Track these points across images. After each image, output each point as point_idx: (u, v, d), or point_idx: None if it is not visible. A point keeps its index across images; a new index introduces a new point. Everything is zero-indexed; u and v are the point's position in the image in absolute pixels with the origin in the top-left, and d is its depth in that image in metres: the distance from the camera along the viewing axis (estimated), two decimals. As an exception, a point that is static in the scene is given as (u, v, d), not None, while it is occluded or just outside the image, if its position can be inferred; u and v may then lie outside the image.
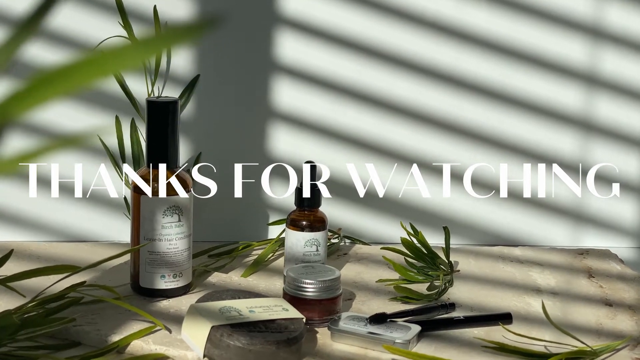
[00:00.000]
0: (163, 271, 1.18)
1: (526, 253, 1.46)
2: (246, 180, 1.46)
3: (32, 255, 1.36)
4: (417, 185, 1.50)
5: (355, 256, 1.42)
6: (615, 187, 1.52)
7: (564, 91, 1.50)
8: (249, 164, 1.46)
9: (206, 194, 1.42)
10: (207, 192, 1.42)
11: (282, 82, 1.46)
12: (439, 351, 1.11)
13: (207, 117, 1.46)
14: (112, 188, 1.43)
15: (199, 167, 1.43)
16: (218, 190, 1.46)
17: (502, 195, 1.51)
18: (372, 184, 1.49)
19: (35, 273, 1.05)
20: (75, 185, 1.42)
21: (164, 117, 1.17)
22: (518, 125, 1.50)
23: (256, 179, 1.47)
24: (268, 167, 1.45)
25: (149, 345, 1.06)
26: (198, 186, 1.42)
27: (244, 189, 1.47)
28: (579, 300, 1.29)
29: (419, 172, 1.49)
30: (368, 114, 1.48)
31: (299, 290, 1.16)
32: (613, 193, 1.52)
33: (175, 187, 1.17)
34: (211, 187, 1.41)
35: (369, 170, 1.49)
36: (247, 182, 1.47)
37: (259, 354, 1.02)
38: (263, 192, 1.48)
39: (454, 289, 1.30)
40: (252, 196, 1.47)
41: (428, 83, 1.48)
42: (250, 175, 1.47)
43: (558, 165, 1.51)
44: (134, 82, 1.43)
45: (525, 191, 1.51)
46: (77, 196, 1.44)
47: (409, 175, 1.49)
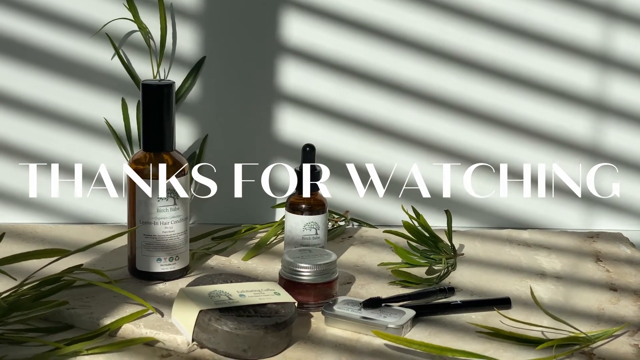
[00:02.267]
0: (159, 254, 1.18)
1: (534, 236, 1.44)
2: (251, 163, 1.46)
3: (37, 237, 1.37)
4: (428, 167, 1.48)
5: (360, 239, 1.41)
6: (615, 187, 1.50)
7: (577, 72, 1.47)
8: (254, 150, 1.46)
9: (206, 194, 1.41)
10: (207, 192, 1.41)
11: (289, 64, 1.45)
12: (433, 336, 1.10)
13: (214, 100, 1.45)
14: (112, 189, 1.43)
15: (199, 167, 1.43)
16: (224, 173, 1.46)
17: (513, 178, 1.49)
18: (380, 166, 1.48)
19: (25, 257, 1.05)
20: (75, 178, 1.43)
21: (159, 100, 1.17)
22: (531, 107, 1.47)
23: (262, 162, 1.46)
24: (268, 167, 1.44)
25: (140, 329, 1.06)
26: (198, 186, 1.42)
27: (250, 172, 1.47)
28: (583, 284, 1.27)
29: (429, 155, 1.48)
30: (375, 95, 1.46)
31: (294, 274, 1.15)
32: (613, 193, 1.50)
33: (176, 188, 1.17)
34: (211, 187, 1.40)
35: (376, 153, 1.47)
36: (253, 166, 1.46)
37: (247, 339, 1.02)
38: (270, 175, 1.47)
39: (456, 273, 1.29)
40: (259, 179, 1.47)
41: (437, 64, 1.46)
42: (256, 160, 1.46)
43: (571, 147, 1.49)
44: (140, 64, 1.43)
45: (538, 174, 1.49)
46: (85, 179, 1.44)
47: (417, 156, 1.48)
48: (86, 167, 1.45)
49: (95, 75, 1.43)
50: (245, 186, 1.46)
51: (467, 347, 1.06)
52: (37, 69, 1.42)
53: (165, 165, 1.17)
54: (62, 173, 1.44)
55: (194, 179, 1.42)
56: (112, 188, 1.43)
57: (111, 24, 1.41)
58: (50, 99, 1.43)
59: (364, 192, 1.47)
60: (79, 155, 1.44)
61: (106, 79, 1.43)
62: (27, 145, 1.44)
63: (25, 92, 1.42)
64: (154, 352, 1.04)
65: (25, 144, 1.44)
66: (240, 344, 1.02)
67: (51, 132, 1.43)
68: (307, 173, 1.25)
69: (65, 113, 1.43)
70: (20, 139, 1.43)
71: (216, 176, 1.46)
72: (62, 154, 1.44)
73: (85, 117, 1.44)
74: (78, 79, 1.43)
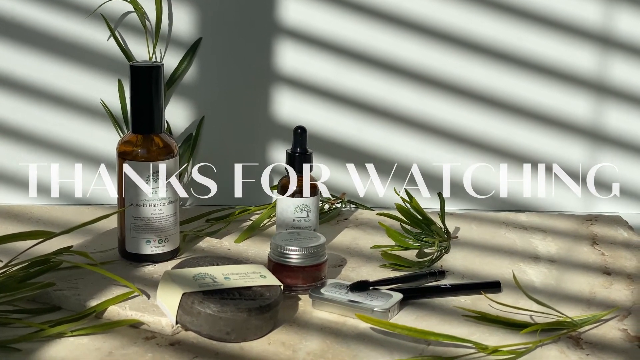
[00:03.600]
0: (148, 236, 1.18)
1: (532, 219, 1.43)
2: (250, 143, 1.46)
3: (33, 218, 1.37)
4: (424, 151, 1.47)
5: (355, 221, 1.40)
6: (615, 187, 1.49)
7: (578, 53, 1.45)
8: (252, 132, 1.46)
9: (206, 194, 1.41)
10: (207, 192, 1.40)
11: (286, 45, 1.44)
12: (420, 319, 1.09)
13: (210, 81, 1.45)
14: (113, 188, 1.43)
15: (199, 167, 1.43)
16: (221, 154, 1.45)
17: (513, 161, 1.48)
18: (378, 150, 1.47)
19: (9, 238, 1.05)
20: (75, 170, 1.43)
21: (148, 82, 1.17)
22: (531, 89, 1.46)
23: (260, 145, 1.46)
24: (267, 168, 1.44)
25: (125, 311, 1.06)
26: (198, 186, 1.41)
27: (250, 155, 1.46)
28: (576, 268, 1.26)
29: (427, 137, 1.47)
30: (373, 77, 1.45)
31: (282, 257, 1.15)
32: (613, 193, 1.49)
33: (175, 187, 1.17)
34: (211, 188, 1.39)
35: (373, 135, 1.47)
36: (252, 149, 1.46)
37: (230, 321, 1.02)
38: (267, 156, 1.47)
39: (449, 256, 1.28)
40: (256, 161, 1.46)
41: (435, 45, 1.45)
42: (254, 142, 1.46)
43: (571, 129, 1.48)
44: (136, 46, 1.43)
45: (539, 155, 1.48)
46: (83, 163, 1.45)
47: (415, 139, 1.47)
48: (82, 148, 1.45)
49: (91, 57, 1.43)
50: (243, 168, 1.46)
51: (453, 331, 1.05)
52: (33, 50, 1.42)
53: (165, 165, 1.17)
54: (58, 155, 1.45)
55: (192, 177, 1.43)
56: (112, 188, 1.42)
57: (106, 5, 1.40)
58: (46, 80, 1.43)
59: (364, 191, 1.46)
60: (75, 136, 1.45)
61: (102, 60, 1.43)
62: (23, 127, 1.44)
63: (20, 73, 1.42)
64: (138, 334, 1.04)
65: (21, 125, 1.44)
66: (223, 326, 1.02)
67: (47, 113, 1.44)
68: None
69: (61, 94, 1.43)
70: (16, 120, 1.44)
71: (213, 158, 1.45)
72: (57, 135, 1.44)
73: (81, 98, 1.44)
74: (74, 60, 1.43)
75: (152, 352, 1.00)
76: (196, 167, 1.43)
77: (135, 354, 1.00)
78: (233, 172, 1.45)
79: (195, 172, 1.41)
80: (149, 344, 1.02)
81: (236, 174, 1.40)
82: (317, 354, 1.01)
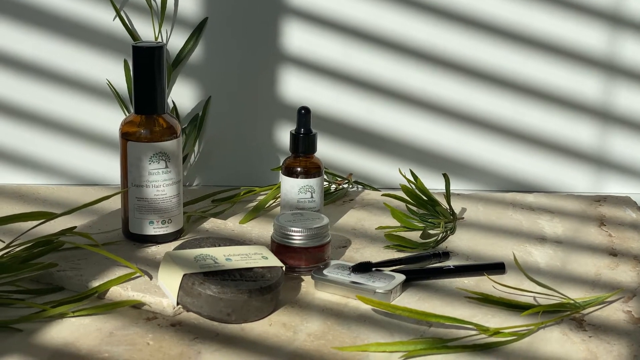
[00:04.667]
0: (151, 217, 1.18)
1: (540, 200, 1.42)
2: (257, 124, 1.45)
3: (39, 198, 1.38)
4: (433, 132, 1.47)
5: (361, 202, 1.40)
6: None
7: (588, 32, 1.44)
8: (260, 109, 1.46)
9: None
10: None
11: (293, 24, 1.43)
12: (423, 301, 1.09)
13: (216, 61, 1.44)
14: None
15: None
16: (228, 134, 1.45)
17: (522, 141, 1.47)
18: (387, 131, 1.47)
19: (10, 219, 1.06)
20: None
21: (150, 62, 1.16)
22: (541, 69, 1.45)
23: (267, 125, 1.46)
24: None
25: (127, 291, 1.06)
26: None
27: (255, 134, 1.46)
28: (582, 249, 1.25)
29: (436, 117, 1.46)
30: (381, 57, 1.45)
31: (285, 238, 1.15)
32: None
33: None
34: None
35: (381, 115, 1.46)
36: (258, 127, 1.46)
37: (230, 302, 1.02)
38: (274, 136, 1.46)
39: (454, 237, 1.28)
40: (263, 141, 1.46)
41: (444, 25, 1.43)
42: (261, 122, 1.46)
43: (581, 109, 1.47)
44: (142, 26, 1.42)
45: (546, 135, 1.47)
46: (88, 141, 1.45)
47: (423, 120, 1.47)
48: (89, 128, 1.45)
49: (97, 37, 1.42)
50: (250, 149, 1.46)
51: (455, 312, 1.05)
52: (39, 30, 1.42)
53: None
54: (65, 135, 1.45)
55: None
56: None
57: (110, -15, 1.40)
58: (52, 60, 1.43)
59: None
60: (81, 116, 1.45)
61: (108, 40, 1.42)
62: (30, 107, 1.44)
63: (26, 53, 1.42)
64: (140, 315, 1.04)
65: (28, 105, 1.44)
66: (223, 307, 1.02)
67: (53, 93, 1.44)
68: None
69: (67, 74, 1.43)
70: (22, 100, 1.44)
71: (220, 138, 1.45)
72: (64, 115, 1.44)
73: (87, 79, 1.44)
74: (80, 41, 1.42)
75: (153, 332, 1.00)
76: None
77: (136, 335, 1.00)
78: (239, 152, 1.45)
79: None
80: (150, 324, 1.02)
81: (242, 154, 1.40)
82: (317, 335, 1.00)
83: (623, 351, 0.99)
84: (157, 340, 0.99)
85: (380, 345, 0.97)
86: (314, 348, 0.98)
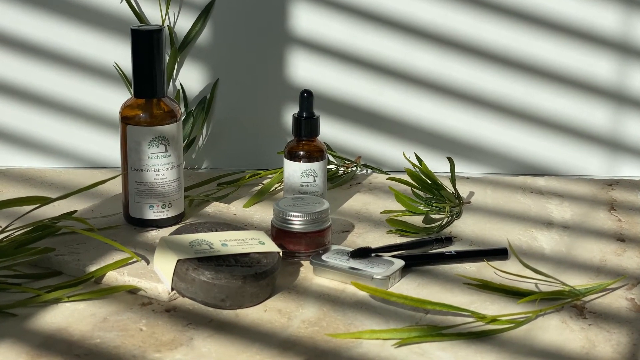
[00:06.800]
0: (151, 201, 1.18)
1: (550, 183, 1.40)
2: (264, 106, 1.44)
3: (45, 181, 1.37)
4: (442, 114, 1.45)
5: (368, 186, 1.39)
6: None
7: (602, 11, 1.41)
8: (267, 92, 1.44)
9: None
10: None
11: (300, 5, 1.42)
12: (421, 287, 1.08)
13: (224, 43, 1.43)
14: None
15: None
16: (236, 117, 1.44)
17: (534, 123, 1.45)
18: (395, 113, 1.45)
19: (6, 204, 1.05)
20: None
21: (149, 46, 1.15)
22: (553, 51, 1.42)
23: (274, 107, 1.45)
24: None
25: (124, 276, 1.06)
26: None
27: (263, 116, 1.45)
28: (590, 234, 1.23)
29: (446, 100, 1.45)
30: (388, 38, 1.43)
31: (285, 223, 1.14)
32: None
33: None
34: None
35: (391, 98, 1.45)
36: (266, 110, 1.45)
37: (224, 288, 1.01)
38: (282, 119, 1.45)
39: (459, 222, 1.26)
40: (271, 124, 1.45)
41: (452, 6, 1.41)
42: (269, 104, 1.45)
43: (594, 91, 1.44)
44: (148, 7, 1.42)
45: (558, 117, 1.45)
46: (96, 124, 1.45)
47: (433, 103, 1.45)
48: (96, 111, 1.45)
49: (103, 19, 1.42)
50: (258, 131, 1.45)
51: (454, 299, 1.03)
52: (46, 13, 1.41)
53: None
54: (73, 116, 1.45)
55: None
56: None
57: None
58: (59, 43, 1.42)
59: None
60: (89, 99, 1.44)
61: (115, 22, 1.42)
62: (38, 90, 1.44)
63: (33, 36, 1.42)
64: (135, 300, 1.04)
65: (36, 88, 1.44)
66: (217, 293, 1.01)
67: (61, 76, 1.43)
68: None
69: (75, 57, 1.43)
70: (30, 83, 1.44)
71: (227, 121, 1.44)
72: (72, 98, 1.44)
73: (95, 61, 1.43)
74: (87, 23, 1.42)
75: (147, 318, 1.00)
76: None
77: (130, 320, 0.99)
78: (247, 135, 1.45)
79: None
80: (145, 310, 1.02)
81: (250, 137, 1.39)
82: (311, 322, 0.99)
83: (622, 340, 0.97)
84: (150, 326, 0.98)
85: (373, 333, 0.96)
86: (307, 335, 0.97)
